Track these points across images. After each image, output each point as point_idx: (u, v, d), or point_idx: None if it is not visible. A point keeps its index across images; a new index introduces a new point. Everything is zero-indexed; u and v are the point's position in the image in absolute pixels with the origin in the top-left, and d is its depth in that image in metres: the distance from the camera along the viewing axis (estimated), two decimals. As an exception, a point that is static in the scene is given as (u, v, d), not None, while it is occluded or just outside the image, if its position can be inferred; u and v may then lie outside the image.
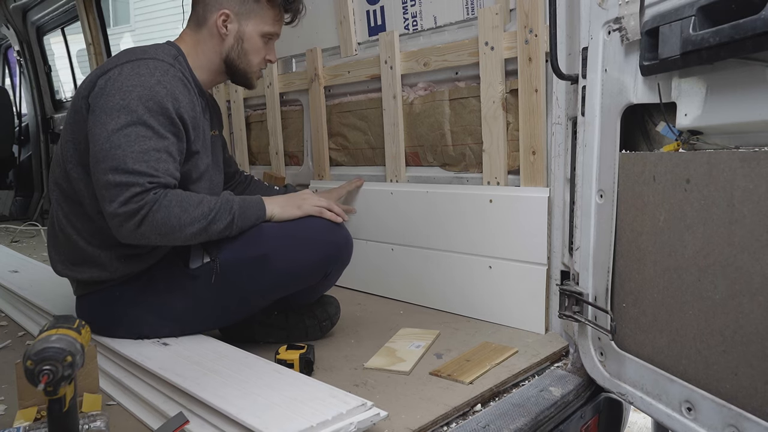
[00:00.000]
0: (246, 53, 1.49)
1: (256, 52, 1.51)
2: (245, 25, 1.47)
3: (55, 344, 0.89)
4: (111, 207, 1.24)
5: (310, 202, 1.46)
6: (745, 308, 0.93)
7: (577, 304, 1.33)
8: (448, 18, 1.81)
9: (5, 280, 2.07)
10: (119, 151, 1.23)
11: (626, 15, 1.11)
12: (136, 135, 1.25)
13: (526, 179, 1.63)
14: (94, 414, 1.08)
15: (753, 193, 0.91)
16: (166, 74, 1.32)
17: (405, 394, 1.25)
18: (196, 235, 1.30)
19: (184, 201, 1.28)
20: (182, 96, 1.34)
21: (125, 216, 1.23)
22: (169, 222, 1.25)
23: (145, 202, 1.23)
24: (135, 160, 1.23)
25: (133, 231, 1.25)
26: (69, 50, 4.24)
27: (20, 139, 4.73)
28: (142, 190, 1.23)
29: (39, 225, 3.86)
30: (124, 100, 1.26)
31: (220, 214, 1.32)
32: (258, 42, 1.49)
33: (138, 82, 1.28)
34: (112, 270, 1.39)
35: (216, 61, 1.50)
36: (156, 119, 1.27)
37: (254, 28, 1.48)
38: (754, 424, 0.92)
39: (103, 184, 1.25)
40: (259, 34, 1.49)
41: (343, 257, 1.50)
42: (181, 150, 1.34)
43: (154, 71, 1.31)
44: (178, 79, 1.35)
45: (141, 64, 1.31)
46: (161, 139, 1.27)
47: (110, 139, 1.24)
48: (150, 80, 1.29)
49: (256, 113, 2.66)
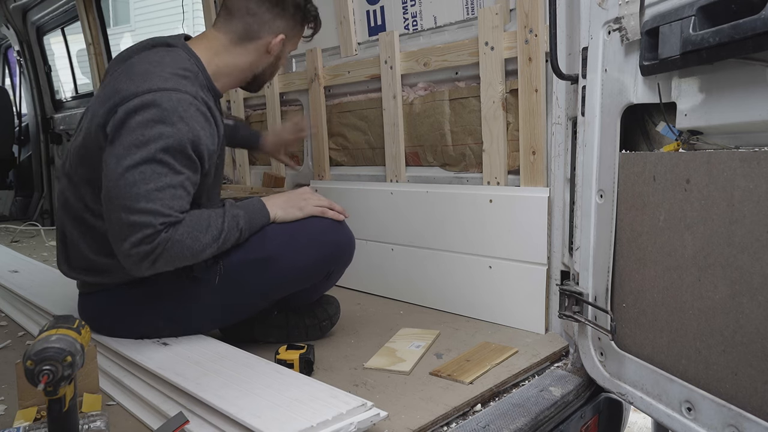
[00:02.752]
0: (276, 69, 1.56)
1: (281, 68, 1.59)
2: (287, 47, 1.52)
3: (55, 344, 0.89)
4: (123, 246, 1.23)
5: (312, 202, 1.45)
6: (745, 308, 0.93)
7: (577, 304, 1.33)
8: (448, 18, 1.81)
9: (5, 280, 2.07)
10: (133, 189, 1.21)
11: (626, 15, 1.11)
12: (151, 172, 1.22)
13: (526, 179, 1.63)
14: (94, 414, 1.08)
15: (753, 193, 0.91)
16: (189, 110, 1.27)
17: (405, 394, 1.25)
18: (209, 256, 1.32)
19: (194, 230, 1.26)
20: (203, 132, 1.30)
21: (138, 257, 1.23)
22: (183, 255, 1.26)
23: (157, 243, 1.22)
24: (148, 199, 1.21)
25: (148, 269, 1.26)
26: (69, 50, 4.24)
27: (20, 139, 4.72)
28: (153, 231, 1.21)
29: (39, 225, 3.85)
30: (144, 136, 1.23)
31: (230, 233, 1.33)
32: (286, 60, 1.60)
33: (160, 118, 1.24)
34: (119, 276, 1.39)
35: (247, 73, 1.50)
36: (173, 157, 1.25)
37: (290, 49, 1.54)
38: (754, 424, 0.92)
39: (115, 222, 1.24)
40: (290, 53, 1.57)
41: (345, 256, 1.50)
42: (195, 183, 1.32)
43: (177, 107, 1.26)
44: (200, 113, 1.30)
45: (164, 97, 1.25)
46: (177, 175, 1.25)
47: (125, 176, 1.22)
48: (172, 117, 1.25)
49: (256, 113, 2.66)
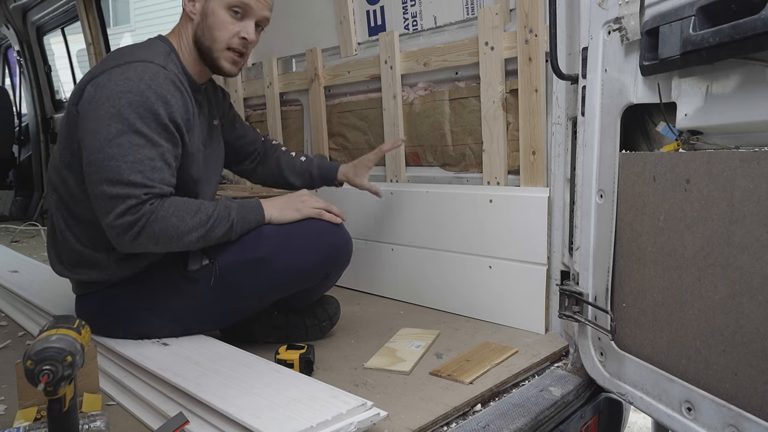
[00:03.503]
0: (210, 29, 1.38)
1: (221, 27, 1.37)
2: (209, 1, 1.38)
3: (55, 344, 0.89)
4: (107, 219, 1.23)
5: (309, 204, 1.44)
6: (745, 308, 0.93)
7: (577, 304, 1.33)
8: (448, 18, 1.81)
9: (5, 280, 2.07)
10: (113, 162, 1.21)
11: (626, 15, 1.11)
12: (129, 144, 1.22)
13: (526, 179, 1.63)
14: (94, 414, 1.08)
15: (753, 193, 0.91)
16: (156, 77, 1.27)
17: (405, 394, 1.25)
18: (194, 242, 1.30)
19: (181, 210, 1.26)
20: (174, 99, 1.29)
21: (122, 228, 1.23)
22: (166, 232, 1.25)
23: (141, 214, 1.22)
24: (130, 170, 1.21)
25: (131, 242, 1.25)
26: (69, 50, 4.24)
27: (20, 139, 4.73)
28: (138, 201, 1.21)
29: (39, 225, 3.85)
30: (114, 107, 1.23)
31: (219, 221, 1.32)
32: (223, 16, 1.37)
33: (127, 88, 1.24)
34: (111, 272, 1.39)
35: (192, 47, 1.42)
36: (148, 126, 1.24)
37: (218, 2, 1.37)
38: (754, 424, 0.92)
39: (99, 196, 1.24)
40: (225, 7, 1.37)
41: (342, 259, 1.50)
42: (177, 155, 1.32)
43: (143, 75, 1.26)
44: (169, 81, 1.29)
45: (129, 68, 1.26)
46: (155, 147, 1.25)
47: (103, 149, 1.22)
48: (139, 85, 1.25)
49: (256, 113, 2.66)
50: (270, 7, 1.45)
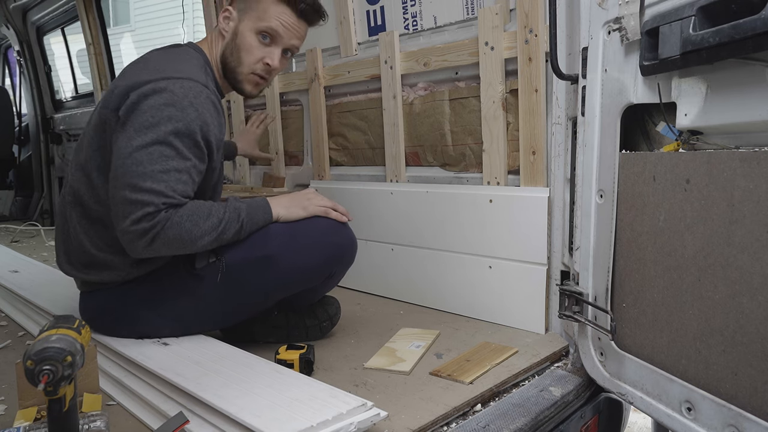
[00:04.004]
0: (238, 50, 1.42)
1: (248, 50, 1.42)
2: (242, 22, 1.42)
3: (55, 344, 0.89)
4: (123, 224, 1.24)
5: (315, 202, 1.45)
6: (745, 308, 0.93)
7: (577, 304, 1.33)
8: (448, 18, 1.81)
9: (5, 280, 2.07)
10: (140, 168, 1.23)
11: (626, 15, 1.11)
12: (159, 154, 1.24)
13: (526, 179, 1.63)
14: (94, 414, 1.08)
15: (753, 193, 0.91)
16: (199, 97, 1.30)
17: (405, 394, 1.25)
18: (207, 245, 1.32)
19: (195, 214, 1.27)
20: (212, 120, 1.32)
21: (136, 234, 1.24)
22: (180, 237, 1.26)
23: (156, 221, 1.23)
24: (154, 179, 1.23)
25: (145, 248, 1.26)
26: (69, 50, 4.24)
27: (20, 139, 4.72)
28: (155, 210, 1.23)
29: (39, 225, 3.85)
30: (154, 118, 1.25)
31: (230, 224, 1.33)
32: (251, 39, 1.41)
33: (171, 102, 1.26)
34: (125, 273, 1.39)
35: (219, 65, 1.46)
36: (181, 141, 1.26)
37: (250, 24, 1.41)
38: (754, 424, 0.92)
39: (119, 200, 1.25)
40: (254, 31, 1.41)
41: (347, 258, 1.50)
42: (202, 171, 1.33)
43: (188, 92, 1.29)
44: (210, 102, 1.32)
45: (176, 84, 1.29)
46: (183, 160, 1.27)
47: (132, 155, 1.24)
48: (183, 102, 1.27)
49: (256, 113, 2.65)
50: (301, 36, 1.48)
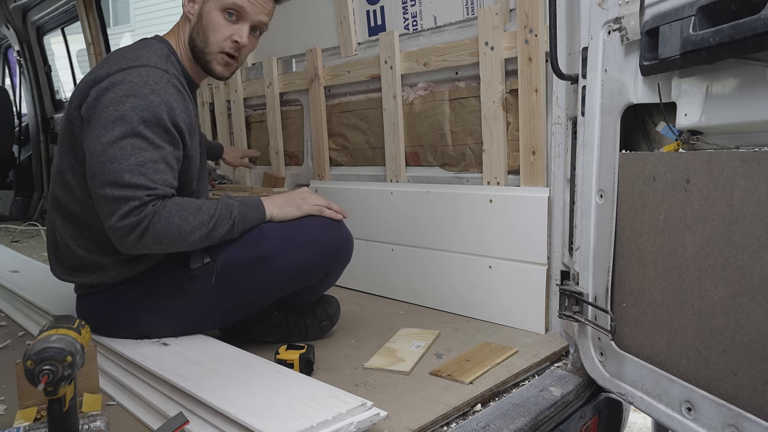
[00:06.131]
0: (204, 31, 1.39)
1: (214, 29, 1.38)
2: (207, 2, 1.39)
3: (55, 344, 0.89)
4: (110, 221, 1.24)
5: (309, 201, 1.45)
6: (745, 308, 0.93)
7: (577, 304, 1.33)
8: (448, 18, 1.81)
9: (5, 280, 2.07)
10: (115, 164, 1.22)
11: (626, 15, 1.11)
12: (131, 147, 1.23)
13: (526, 179, 1.63)
14: (94, 414, 1.08)
15: (753, 193, 0.91)
16: (159, 82, 1.29)
17: (405, 394, 1.25)
18: (198, 242, 1.30)
19: (184, 210, 1.27)
20: (177, 103, 1.31)
21: (125, 230, 1.23)
22: (170, 233, 1.25)
23: (144, 215, 1.22)
24: (132, 173, 1.22)
25: (135, 243, 1.25)
26: (69, 50, 4.24)
27: (20, 139, 4.73)
28: (140, 203, 1.22)
29: (39, 225, 3.85)
30: (118, 111, 1.24)
31: (221, 220, 1.32)
32: (217, 18, 1.38)
33: (131, 92, 1.25)
34: (115, 274, 1.39)
35: (188, 48, 1.44)
36: (151, 130, 1.25)
37: (214, 3, 1.38)
38: (754, 424, 0.92)
39: (101, 198, 1.24)
40: (219, 9, 1.38)
41: (343, 256, 1.50)
42: (178, 158, 1.33)
43: (147, 79, 1.28)
44: (172, 85, 1.31)
45: (133, 73, 1.28)
46: (157, 150, 1.26)
47: (105, 152, 1.23)
48: (144, 89, 1.26)
49: (256, 113, 2.66)
50: (268, 12, 1.44)
